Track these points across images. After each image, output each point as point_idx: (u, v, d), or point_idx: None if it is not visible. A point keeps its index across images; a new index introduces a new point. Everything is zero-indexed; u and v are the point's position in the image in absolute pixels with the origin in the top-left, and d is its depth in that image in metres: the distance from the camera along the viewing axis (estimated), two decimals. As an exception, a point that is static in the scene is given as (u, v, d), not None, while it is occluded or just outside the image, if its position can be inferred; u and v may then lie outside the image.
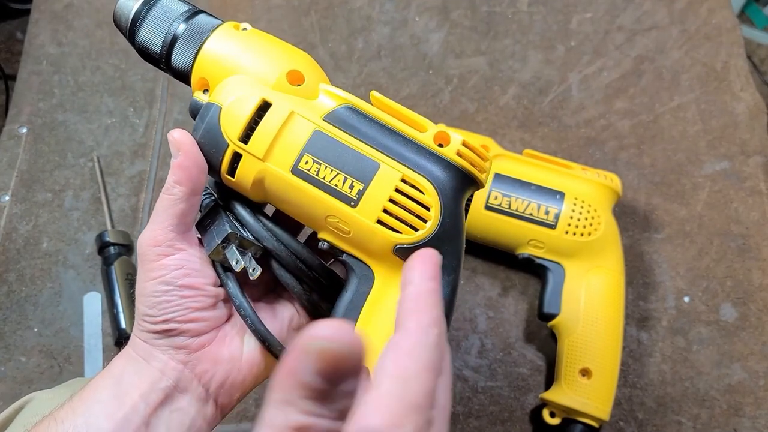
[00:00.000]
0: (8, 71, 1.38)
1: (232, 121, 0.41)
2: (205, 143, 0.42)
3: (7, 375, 0.67)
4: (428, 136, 0.41)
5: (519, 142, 0.81)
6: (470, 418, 0.67)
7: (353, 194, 0.40)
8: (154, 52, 0.44)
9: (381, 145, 0.41)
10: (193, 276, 0.42)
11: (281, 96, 0.41)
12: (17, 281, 0.72)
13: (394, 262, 0.41)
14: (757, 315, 0.71)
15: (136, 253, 0.42)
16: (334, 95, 0.42)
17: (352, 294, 0.42)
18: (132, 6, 0.44)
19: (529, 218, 0.67)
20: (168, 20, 0.44)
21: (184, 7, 0.45)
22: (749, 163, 0.79)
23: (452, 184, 0.40)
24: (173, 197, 0.41)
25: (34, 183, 0.77)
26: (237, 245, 0.43)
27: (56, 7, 0.90)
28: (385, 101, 0.43)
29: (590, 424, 0.63)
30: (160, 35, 0.44)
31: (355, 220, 0.40)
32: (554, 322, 0.66)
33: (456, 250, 0.42)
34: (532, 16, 0.90)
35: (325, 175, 0.40)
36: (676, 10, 0.89)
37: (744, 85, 0.83)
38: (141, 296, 0.42)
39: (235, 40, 0.43)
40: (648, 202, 0.77)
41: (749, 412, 0.67)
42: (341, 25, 0.90)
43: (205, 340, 0.43)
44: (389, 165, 0.40)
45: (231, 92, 0.41)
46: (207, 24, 0.43)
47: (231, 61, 0.42)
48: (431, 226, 0.40)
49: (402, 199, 0.40)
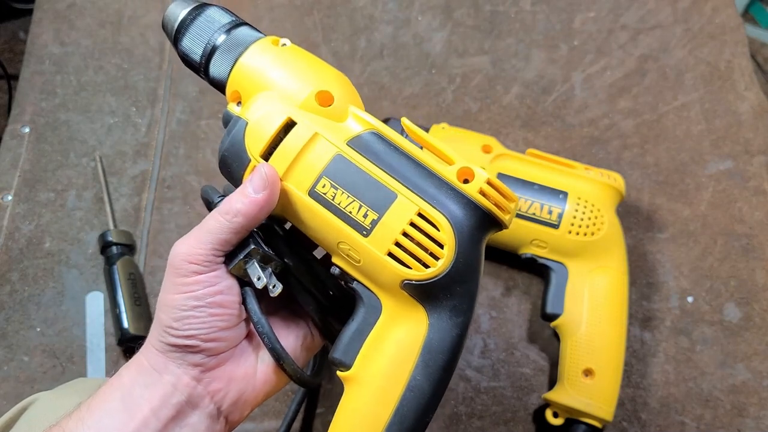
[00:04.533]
0: (11, 71, 1.38)
1: (256, 138, 0.41)
2: (229, 156, 0.42)
3: (10, 375, 0.67)
4: (452, 170, 0.40)
5: (522, 141, 0.81)
6: (473, 419, 0.67)
7: (367, 223, 0.39)
8: (194, 60, 0.45)
9: (401, 176, 0.40)
10: (225, 294, 0.41)
11: (308, 116, 0.41)
12: (20, 281, 0.72)
13: (403, 296, 0.40)
14: (761, 315, 0.70)
15: (168, 263, 0.41)
16: (361, 120, 0.41)
17: (358, 324, 0.42)
18: (179, 13, 0.44)
19: (532, 218, 0.67)
20: (210, 30, 0.44)
21: (227, 18, 0.45)
22: (753, 162, 0.78)
23: (470, 223, 0.39)
24: (229, 225, 0.40)
25: (37, 182, 0.77)
26: (258, 260, 0.42)
27: (59, 6, 0.90)
28: (414, 130, 0.42)
29: (593, 425, 0.62)
30: (201, 45, 0.44)
31: (365, 249, 0.39)
32: (557, 322, 0.65)
33: (468, 293, 0.40)
34: (535, 15, 0.89)
35: (341, 201, 0.40)
36: (679, 9, 0.89)
37: (748, 84, 0.83)
38: (166, 307, 0.40)
39: (270, 55, 0.42)
40: (651, 201, 0.77)
41: (753, 412, 0.67)
42: (344, 24, 0.90)
43: (222, 359, 0.42)
44: (407, 197, 0.39)
45: (258, 108, 0.41)
46: (246, 37, 0.43)
47: (263, 77, 0.42)
48: (443, 265, 0.39)
49: (415, 234, 0.39)
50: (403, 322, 0.41)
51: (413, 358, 0.40)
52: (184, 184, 0.78)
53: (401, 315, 0.41)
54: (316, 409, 0.67)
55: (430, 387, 0.40)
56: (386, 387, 0.40)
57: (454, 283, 0.39)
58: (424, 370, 0.40)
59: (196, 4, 0.45)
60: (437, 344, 0.40)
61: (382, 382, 0.40)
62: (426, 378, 0.40)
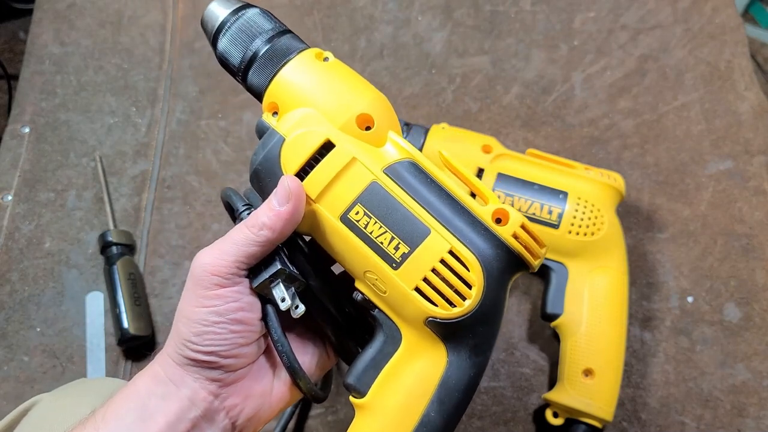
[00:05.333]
0: (11, 71, 1.38)
1: (292, 156, 0.40)
2: (263, 170, 0.41)
3: (10, 375, 0.67)
4: (488, 210, 0.39)
5: (522, 141, 0.81)
6: (473, 419, 0.67)
7: (397, 256, 0.39)
8: (232, 64, 0.43)
9: (436, 211, 0.39)
10: (247, 310, 0.40)
11: (346, 139, 0.40)
12: (20, 281, 0.72)
13: (425, 332, 0.40)
14: (761, 315, 0.70)
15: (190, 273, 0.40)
16: (400, 147, 0.40)
17: (375, 352, 0.41)
18: (220, 14, 0.43)
19: (532, 218, 0.67)
20: (252, 35, 0.42)
21: (270, 24, 0.43)
22: (753, 162, 0.78)
23: (501, 265, 0.39)
24: (256, 238, 0.39)
25: (37, 183, 0.77)
26: (283, 280, 0.41)
27: (59, 6, 0.90)
28: (451, 162, 0.41)
29: (593, 425, 0.62)
30: (241, 49, 0.42)
31: (393, 282, 0.39)
32: (557, 322, 0.65)
33: (491, 333, 0.40)
34: (536, 15, 0.89)
35: (373, 231, 0.39)
36: (680, 9, 0.89)
37: (748, 84, 0.83)
38: (187, 320, 0.40)
39: (312, 70, 0.41)
40: (651, 201, 0.77)
41: (753, 412, 0.67)
42: (344, 24, 0.90)
43: (240, 375, 0.42)
44: (440, 233, 0.38)
45: (297, 125, 0.40)
46: (289, 48, 0.42)
47: (303, 93, 0.41)
48: (470, 305, 0.38)
49: (445, 272, 0.38)
50: (422, 356, 0.40)
51: (429, 394, 0.40)
52: (184, 184, 0.78)
53: (421, 349, 0.40)
54: (310, 410, 0.67)
55: (443, 424, 0.40)
56: (399, 420, 0.40)
57: (478, 323, 0.39)
58: (438, 407, 0.40)
59: (239, 5, 0.43)
60: (454, 382, 0.40)
61: (396, 414, 0.40)
62: (440, 415, 0.40)
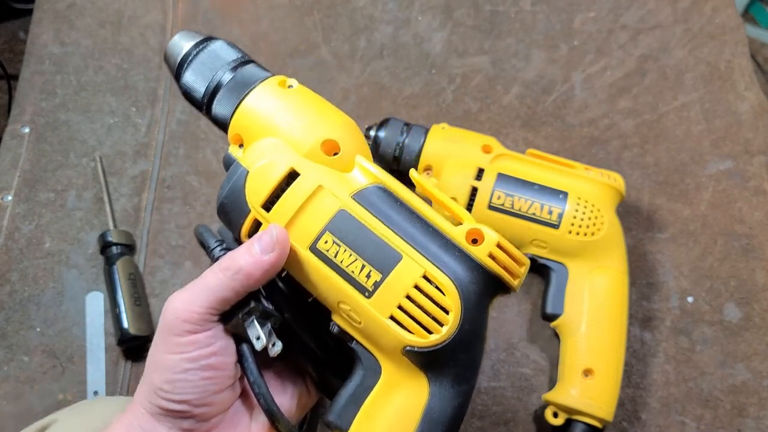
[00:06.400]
0: (11, 71, 1.38)
1: (256, 188, 0.39)
2: (228, 204, 0.40)
3: (10, 375, 0.67)
4: (461, 231, 0.38)
5: (522, 141, 0.81)
6: (473, 419, 0.67)
7: (369, 284, 0.37)
8: (196, 96, 0.43)
9: (407, 234, 0.38)
10: (220, 355, 0.39)
11: (312, 166, 0.39)
12: (20, 281, 0.72)
13: (404, 363, 0.38)
14: (761, 315, 0.70)
15: (162, 317, 0.38)
16: (368, 172, 0.39)
17: (355, 386, 0.40)
18: (183, 46, 0.43)
19: (532, 218, 0.67)
20: (214, 67, 0.42)
21: (234, 54, 0.43)
22: (753, 162, 0.78)
23: (478, 288, 0.37)
24: (231, 283, 0.37)
25: (37, 183, 0.77)
26: (258, 317, 0.39)
27: (59, 6, 0.90)
28: (423, 183, 0.40)
29: (593, 425, 0.62)
30: (205, 81, 0.42)
31: (367, 312, 0.38)
32: (557, 322, 0.65)
33: (472, 360, 0.39)
34: (536, 15, 0.89)
35: (343, 259, 0.38)
36: (680, 9, 0.89)
37: (748, 84, 0.83)
38: (158, 366, 0.38)
39: (275, 98, 0.40)
40: (651, 201, 0.77)
41: (753, 412, 0.67)
42: (344, 24, 0.90)
43: (214, 423, 0.40)
44: (412, 258, 0.37)
45: (261, 156, 0.39)
46: (252, 77, 0.41)
47: (267, 122, 0.40)
48: (447, 331, 0.37)
49: (420, 298, 0.37)
50: (403, 388, 0.39)
51: (412, 428, 0.38)
52: (184, 184, 0.78)
53: (401, 381, 0.39)
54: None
55: None
56: None
57: (459, 350, 0.37)
58: None
59: (203, 37, 0.43)
60: (438, 414, 0.39)
61: None
62: None
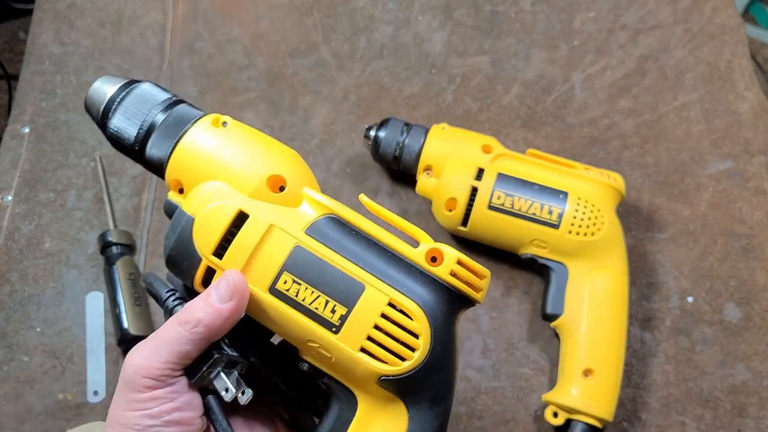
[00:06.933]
0: (11, 71, 1.39)
1: (205, 235, 0.37)
2: (177, 255, 0.38)
3: (9, 375, 0.67)
4: (420, 252, 0.38)
5: (522, 141, 0.81)
6: (473, 419, 0.67)
7: (335, 319, 0.36)
8: (127, 142, 0.41)
9: (366, 263, 0.37)
10: (184, 410, 0.37)
11: (260, 205, 0.37)
12: (20, 281, 0.72)
13: (380, 392, 0.38)
14: (761, 315, 0.70)
15: (122, 373, 0.37)
16: (317, 203, 0.38)
17: (333, 421, 0.39)
18: (108, 90, 0.41)
19: (532, 218, 0.67)
20: (146, 108, 0.40)
21: (164, 95, 0.41)
22: (753, 162, 0.78)
23: (444, 307, 0.37)
24: (190, 336, 0.36)
25: (37, 183, 0.77)
26: (223, 367, 0.38)
27: (59, 6, 0.90)
28: (375, 207, 0.39)
29: (593, 425, 0.62)
30: (136, 124, 0.40)
31: (336, 347, 0.37)
32: (557, 322, 0.66)
33: (447, 379, 0.38)
34: (536, 15, 0.89)
35: (305, 297, 0.36)
36: (680, 9, 0.89)
37: (748, 84, 0.83)
38: (117, 425, 0.36)
39: (211, 139, 0.39)
40: (651, 201, 0.77)
41: (753, 412, 0.67)
42: (344, 24, 0.90)
43: None
44: (375, 287, 0.36)
45: (205, 200, 0.38)
46: (186, 116, 0.40)
47: (206, 164, 0.38)
48: (420, 356, 0.36)
49: (388, 326, 0.36)
50: (382, 417, 0.38)
51: None
52: (184, 184, 0.78)
53: (379, 410, 0.38)
54: None
55: None
56: None
57: (433, 372, 0.37)
58: None
59: (127, 80, 0.41)
60: None
61: None
62: None
